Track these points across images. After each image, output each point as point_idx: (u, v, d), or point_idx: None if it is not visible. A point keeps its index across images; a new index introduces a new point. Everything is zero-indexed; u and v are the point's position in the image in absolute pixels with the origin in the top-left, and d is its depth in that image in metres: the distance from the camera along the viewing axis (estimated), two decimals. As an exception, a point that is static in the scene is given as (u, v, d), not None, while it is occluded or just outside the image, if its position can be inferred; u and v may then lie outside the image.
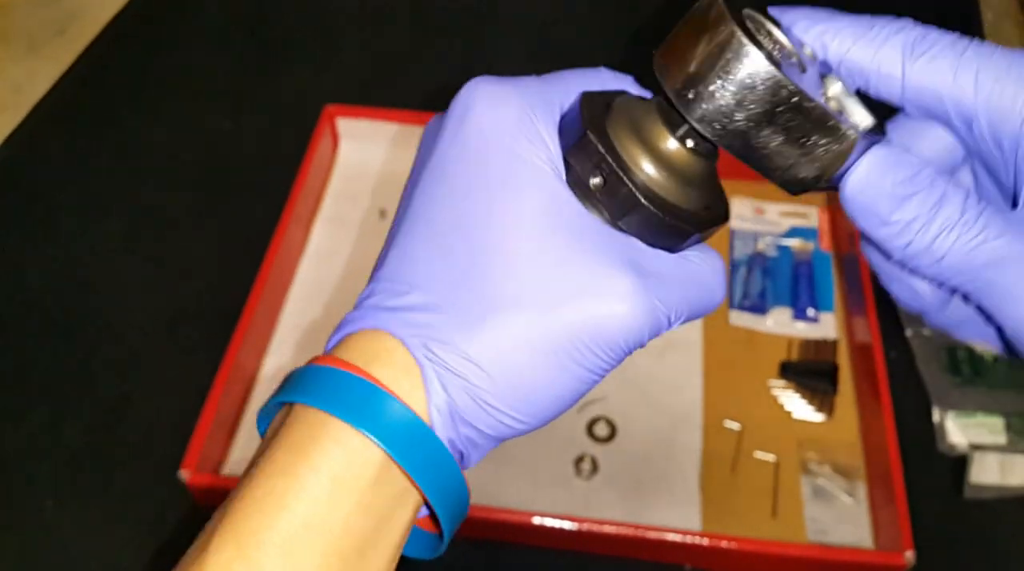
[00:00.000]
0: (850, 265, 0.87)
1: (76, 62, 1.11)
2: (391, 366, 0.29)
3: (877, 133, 0.31)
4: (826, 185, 0.30)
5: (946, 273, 0.29)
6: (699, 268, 0.32)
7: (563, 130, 0.31)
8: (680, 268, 0.31)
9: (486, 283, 0.29)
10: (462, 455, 0.30)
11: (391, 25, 1.18)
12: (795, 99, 0.28)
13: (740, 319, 0.86)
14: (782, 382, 0.82)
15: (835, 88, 0.31)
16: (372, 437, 0.28)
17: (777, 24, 0.32)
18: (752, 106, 0.28)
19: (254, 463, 0.29)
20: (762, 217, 0.93)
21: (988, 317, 0.31)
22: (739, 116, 0.29)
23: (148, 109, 1.06)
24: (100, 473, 0.76)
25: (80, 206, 0.96)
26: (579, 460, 0.76)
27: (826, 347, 0.84)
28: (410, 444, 0.28)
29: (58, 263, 0.91)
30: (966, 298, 0.31)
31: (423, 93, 1.07)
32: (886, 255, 0.31)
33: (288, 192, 0.88)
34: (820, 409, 0.80)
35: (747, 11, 0.30)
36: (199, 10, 1.20)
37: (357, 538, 0.28)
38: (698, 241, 0.32)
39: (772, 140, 0.29)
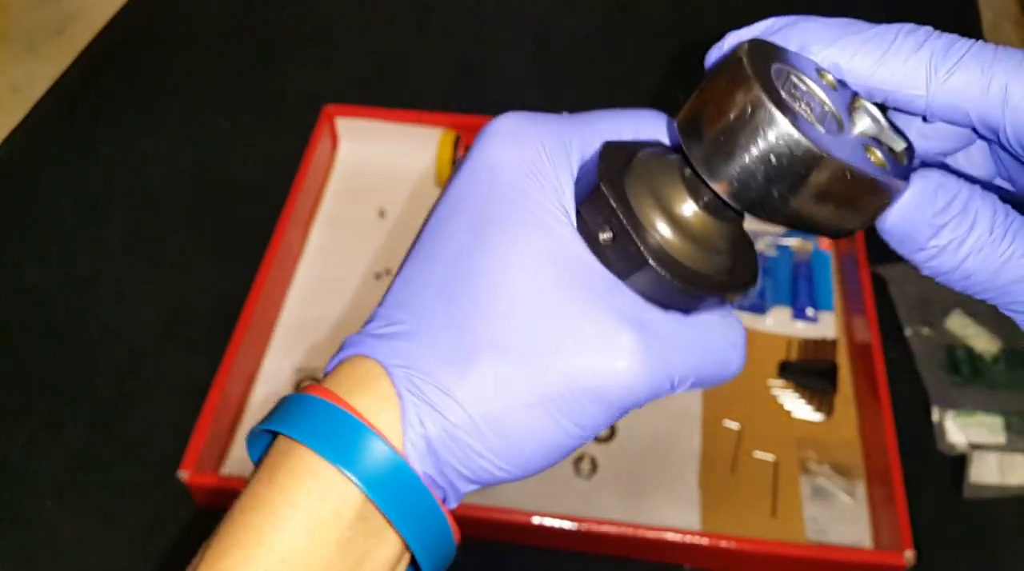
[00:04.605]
0: (849, 265, 0.87)
1: (75, 62, 1.11)
2: (373, 396, 0.28)
3: (910, 155, 0.29)
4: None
5: (974, 288, 0.29)
6: (712, 335, 0.30)
7: (579, 179, 0.30)
8: (690, 332, 0.29)
9: (479, 321, 0.28)
10: (445, 493, 0.29)
11: (390, 25, 1.18)
12: (837, 171, 0.26)
13: (739, 318, 0.86)
14: (781, 382, 0.82)
15: (864, 123, 0.29)
16: (350, 476, 0.27)
17: (783, 53, 0.29)
18: (785, 178, 0.26)
19: (240, 494, 0.29)
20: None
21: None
22: (768, 186, 0.26)
23: (147, 109, 1.06)
24: (99, 473, 0.76)
25: (79, 206, 0.96)
26: (579, 460, 0.76)
27: (825, 346, 0.84)
28: (388, 483, 0.28)
29: (57, 263, 0.91)
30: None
31: (422, 93, 1.07)
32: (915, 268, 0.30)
33: (287, 192, 0.88)
34: (819, 409, 0.80)
35: (777, 66, 0.27)
36: (198, 10, 1.20)
37: None
38: (717, 306, 0.30)
39: (810, 209, 0.27)
